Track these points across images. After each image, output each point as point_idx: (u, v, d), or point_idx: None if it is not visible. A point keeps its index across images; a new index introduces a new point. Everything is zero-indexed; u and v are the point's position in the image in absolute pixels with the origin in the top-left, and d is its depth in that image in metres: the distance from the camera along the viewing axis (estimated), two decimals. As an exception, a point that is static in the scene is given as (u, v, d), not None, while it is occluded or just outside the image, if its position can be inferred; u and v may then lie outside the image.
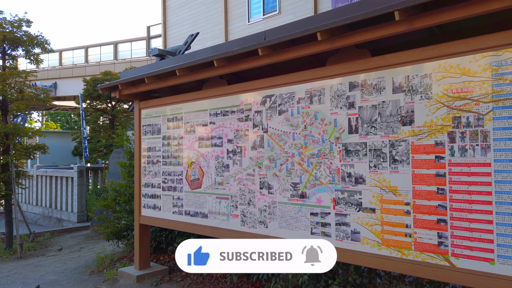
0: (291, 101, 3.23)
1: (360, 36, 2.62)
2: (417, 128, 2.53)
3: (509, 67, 2.19)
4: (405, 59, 2.60)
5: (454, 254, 2.34)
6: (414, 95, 2.56)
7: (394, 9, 2.26)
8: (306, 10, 10.85)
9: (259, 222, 3.38)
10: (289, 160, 3.21)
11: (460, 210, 2.33)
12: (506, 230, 2.17)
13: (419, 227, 2.49)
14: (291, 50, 3.03)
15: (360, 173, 2.79)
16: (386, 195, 2.65)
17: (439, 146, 2.44)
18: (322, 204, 2.99)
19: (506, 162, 2.19)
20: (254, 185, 3.43)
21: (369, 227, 2.72)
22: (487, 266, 2.23)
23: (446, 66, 2.42)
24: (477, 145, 2.29)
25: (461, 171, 2.34)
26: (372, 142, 2.74)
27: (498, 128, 2.22)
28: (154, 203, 4.43)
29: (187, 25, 14.52)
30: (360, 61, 2.84)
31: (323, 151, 3.00)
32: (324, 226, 2.96)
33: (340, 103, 2.93)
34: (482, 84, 2.28)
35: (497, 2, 2.05)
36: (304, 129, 3.13)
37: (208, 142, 3.85)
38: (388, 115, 2.67)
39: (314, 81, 3.10)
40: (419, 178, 2.51)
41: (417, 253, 2.49)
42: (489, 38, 2.27)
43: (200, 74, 3.64)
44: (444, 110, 2.42)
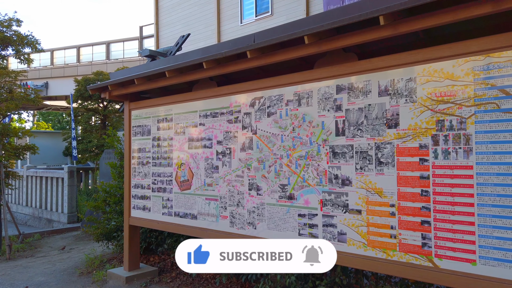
0: (280, 103, 3.26)
1: (347, 40, 2.65)
2: (402, 131, 2.57)
3: (491, 72, 2.24)
4: (391, 63, 2.64)
5: (438, 255, 2.39)
6: (399, 98, 2.60)
7: (379, 14, 2.30)
8: (299, 12, 10.91)
9: (248, 223, 3.40)
10: (277, 161, 3.24)
11: (443, 212, 2.37)
12: (487, 232, 2.22)
13: (404, 228, 2.53)
14: (279, 53, 3.05)
15: (347, 175, 2.82)
16: (371, 197, 2.69)
17: (423, 148, 2.48)
18: (309, 205, 3.02)
19: (487, 165, 2.23)
20: (243, 187, 3.45)
21: (355, 228, 2.75)
22: (469, 267, 2.27)
23: (430, 70, 2.47)
24: (459, 148, 2.34)
25: (444, 173, 2.39)
26: (359, 145, 2.78)
27: (480, 131, 2.27)
28: (143, 204, 4.43)
29: (180, 26, 14.50)
30: (347, 64, 2.87)
31: (310, 153, 3.03)
32: (311, 227, 2.99)
33: (328, 105, 2.96)
34: (465, 88, 2.33)
35: (478, 9, 2.10)
36: (292, 131, 3.16)
37: (198, 144, 3.86)
38: (374, 118, 2.71)
39: (302, 83, 3.13)
40: (404, 180, 2.55)
41: (401, 254, 2.53)
42: (472, 43, 2.32)
43: (190, 76, 3.65)
44: (428, 114, 2.46)
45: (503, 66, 2.20)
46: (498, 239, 2.18)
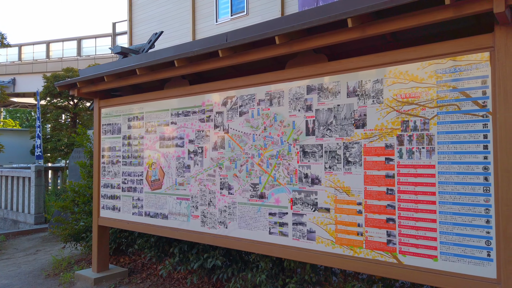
0: (252, 103, 3.27)
1: (317, 41, 2.69)
2: (369, 131, 2.64)
3: (452, 74, 2.33)
4: (359, 64, 2.70)
5: (402, 251, 2.46)
6: (367, 99, 2.66)
7: (347, 17, 2.35)
8: (274, 12, 10.97)
9: (219, 222, 3.40)
10: (249, 161, 3.25)
11: (407, 210, 2.45)
12: (448, 229, 2.30)
13: (370, 226, 2.59)
14: (251, 53, 3.06)
15: (316, 174, 2.87)
16: (340, 195, 2.74)
17: (389, 148, 2.55)
18: (280, 204, 3.04)
19: (448, 164, 2.32)
20: (214, 186, 3.45)
21: (324, 227, 2.80)
22: (431, 263, 2.35)
23: (396, 72, 2.54)
24: (423, 148, 2.42)
25: (408, 172, 2.46)
26: (328, 144, 2.83)
27: (442, 132, 2.35)
28: (113, 204, 4.35)
29: (154, 23, 14.29)
30: (317, 65, 2.92)
31: (281, 152, 3.06)
32: (281, 226, 3.02)
33: (299, 105, 3.00)
34: (428, 90, 2.41)
35: (441, 14, 2.18)
36: (264, 130, 3.18)
37: (169, 143, 3.82)
38: (342, 118, 2.77)
39: (273, 83, 3.15)
40: (371, 179, 2.61)
41: (368, 251, 2.59)
42: (435, 46, 2.40)
43: (161, 74, 3.61)
44: (394, 114, 2.54)
45: (464, 69, 2.29)
46: (458, 236, 2.27)
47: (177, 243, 4.18)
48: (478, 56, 2.25)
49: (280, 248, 3.00)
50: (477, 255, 2.20)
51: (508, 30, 2.13)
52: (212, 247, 3.94)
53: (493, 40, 2.19)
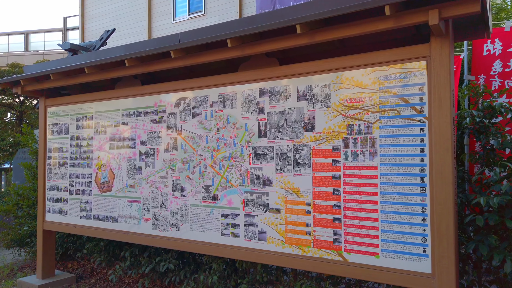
0: (205, 104, 3.27)
1: (268, 46, 2.75)
2: (317, 134, 2.73)
3: (393, 81, 2.47)
4: (309, 69, 2.79)
5: (347, 249, 2.57)
6: (316, 103, 2.75)
7: (296, 23, 2.42)
8: (232, 13, 10.98)
9: (171, 225, 3.36)
10: (202, 162, 3.25)
11: (352, 209, 2.56)
12: (388, 227, 2.44)
13: (318, 225, 2.68)
14: (204, 54, 3.07)
15: (268, 176, 2.92)
16: (290, 196, 2.81)
17: (335, 150, 2.65)
18: (232, 205, 3.07)
19: (389, 166, 2.46)
20: (166, 188, 3.41)
21: (274, 227, 2.86)
22: (373, 260, 2.48)
23: (343, 78, 2.65)
24: (366, 151, 2.54)
25: (353, 173, 2.58)
26: (279, 146, 2.89)
27: (383, 135, 2.49)
28: (60, 207, 4.16)
29: (108, 19, 13.82)
30: (269, 69, 2.97)
31: (234, 154, 3.09)
32: (234, 227, 3.05)
33: (251, 108, 3.04)
34: (371, 96, 2.54)
35: (382, 23, 2.30)
36: (217, 132, 3.19)
37: (120, 144, 3.73)
38: (293, 121, 2.84)
39: (227, 85, 3.18)
40: (319, 180, 2.70)
41: (315, 250, 2.68)
42: (378, 54, 2.53)
43: (112, 73, 3.52)
44: (340, 118, 2.64)
45: (404, 76, 2.44)
46: (397, 233, 2.41)
47: (128, 247, 4.09)
48: (416, 65, 2.40)
49: (232, 249, 3.03)
50: (415, 252, 2.35)
51: (442, 41, 2.30)
52: (164, 250, 3.89)
53: (430, 50, 2.34)
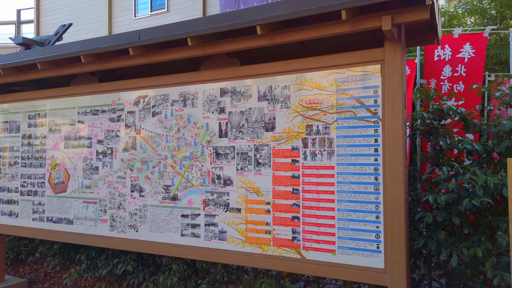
0: (165, 103, 3.23)
1: (229, 46, 2.75)
2: (277, 134, 2.77)
3: (350, 83, 2.55)
4: (269, 70, 2.82)
5: (305, 247, 2.63)
6: (276, 103, 2.79)
7: (257, 24, 2.44)
8: (195, 12, 10.88)
9: (129, 226, 3.29)
10: (161, 162, 3.20)
11: (310, 208, 2.62)
12: (344, 224, 2.52)
13: (277, 224, 2.72)
14: (164, 52, 3.02)
15: (229, 175, 2.93)
16: (250, 196, 2.83)
17: (295, 150, 2.70)
18: (192, 205, 3.05)
19: (345, 165, 2.54)
20: (125, 188, 3.32)
21: (235, 226, 2.87)
22: (330, 257, 2.55)
23: (302, 79, 2.71)
24: (324, 151, 2.61)
25: (311, 173, 2.64)
26: (240, 146, 2.90)
27: (340, 136, 2.56)
28: (10, 209, 3.95)
29: (66, 13, 13.26)
30: (230, 68, 2.98)
31: (195, 154, 3.07)
32: (194, 228, 3.03)
33: (212, 107, 3.03)
34: (329, 97, 2.61)
35: (340, 27, 2.37)
36: (177, 131, 3.16)
37: (75, 143, 3.59)
38: (253, 121, 2.86)
39: (188, 84, 3.15)
40: (278, 180, 2.74)
41: (275, 248, 2.72)
42: (336, 57, 2.61)
43: (67, 70, 3.39)
44: (300, 119, 2.70)
45: (359, 79, 2.53)
46: (352, 231, 2.49)
47: (84, 249, 3.95)
48: (371, 68, 2.49)
49: (192, 250, 3.00)
50: (369, 248, 2.44)
51: (395, 46, 2.40)
52: (123, 252, 3.79)
53: (383, 54, 2.44)
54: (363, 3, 2.12)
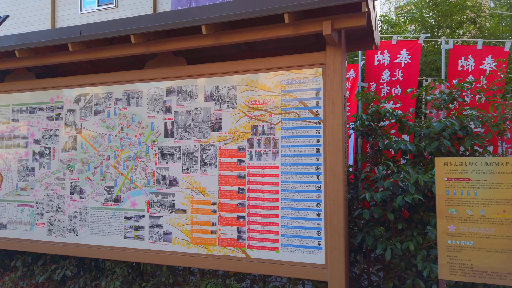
0: (108, 102, 3.12)
1: (174, 44, 2.72)
2: (224, 134, 2.78)
3: (294, 85, 2.62)
4: (216, 70, 2.82)
5: (250, 246, 2.66)
6: (222, 104, 2.80)
7: (202, 24, 2.44)
8: (145, 8, 10.59)
9: (68, 229, 3.14)
10: (104, 163, 3.09)
11: (255, 207, 2.66)
12: (287, 222, 2.58)
13: (223, 224, 2.73)
14: (107, 49, 2.93)
15: (174, 176, 2.89)
16: (196, 196, 2.82)
17: (241, 150, 2.73)
18: (136, 207, 2.97)
19: (289, 165, 2.60)
20: (64, 190, 3.17)
21: (180, 227, 2.84)
22: (274, 255, 2.60)
23: (248, 80, 2.74)
24: (269, 151, 2.66)
25: (257, 173, 2.68)
26: (186, 146, 2.88)
27: (284, 136, 2.62)
28: None
29: (4, 4, 12.35)
30: (176, 67, 2.94)
31: (139, 154, 3.00)
32: (137, 230, 2.95)
33: (157, 107, 2.98)
34: (274, 98, 2.66)
35: (283, 30, 2.43)
36: (120, 131, 3.06)
37: (9, 142, 3.37)
38: (200, 121, 2.85)
39: (132, 83, 3.07)
40: (224, 180, 2.75)
41: (220, 248, 2.72)
42: (280, 59, 2.66)
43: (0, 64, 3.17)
44: (246, 119, 2.73)
45: (303, 81, 2.60)
46: (295, 228, 2.56)
47: (20, 255, 3.71)
48: (313, 71, 2.58)
49: (135, 252, 2.93)
50: (310, 245, 2.52)
51: (336, 50, 2.50)
52: (62, 257, 3.61)
53: (325, 58, 2.53)
54: (305, 8, 2.19)
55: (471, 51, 4.05)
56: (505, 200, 2.07)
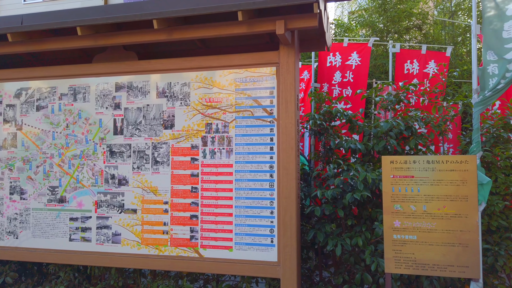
0: (52, 97, 2.95)
1: (125, 38, 2.62)
2: (176, 131, 2.72)
3: (248, 84, 2.62)
4: (169, 66, 2.76)
5: (203, 245, 2.62)
6: (175, 101, 2.74)
7: (153, 18, 2.36)
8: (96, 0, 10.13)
9: (7, 233, 2.93)
10: (47, 161, 2.91)
11: (209, 206, 2.63)
12: (241, 221, 2.57)
13: (175, 223, 2.67)
14: (51, 41, 2.76)
15: (124, 175, 2.79)
16: (147, 196, 2.73)
17: (194, 149, 2.68)
18: (83, 208, 2.83)
19: (243, 163, 2.60)
20: (2, 190, 2.95)
21: (130, 228, 2.74)
22: (227, 253, 2.58)
23: (202, 77, 2.70)
24: (223, 149, 2.64)
25: (211, 171, 2.65)
26: (136, 144, 2.78)
27: (238, 134, 2.62)
28: None
29: None
30: (127, 62, 2.84)
31: (86, 152, 2.86)
32: (84, 231, 2.82)
33: (106, 103, 2.86)
34: (228, 96, 2.65)
35: (237, 28, 2.41)
36: (66, 128, 2.90)
37: None
38: (152, 118, 2.77)
39: (79, 77, 2.92)
40: (177, 178, 2.69)
41: (172, 248, 2.66)
42: (235, 57, 2.65)
43: None
44: (199, 117, 2.68)
45: (257, 80, 2.61)
46: (249, 227, 2.56)
47: (-49, 263, 3.40)
48: (267, 70, 2.59)
49: (81, 255, 2.79)
50: (264, 243, 2.53)
51: (289, 49, 2.53)
52: (1, 262, 3.36)
53: (279, 57, 2.56)
54: (258, 6, 2.19)
55: (416, 55, 4.28)
56: (445, 196, 2.20)
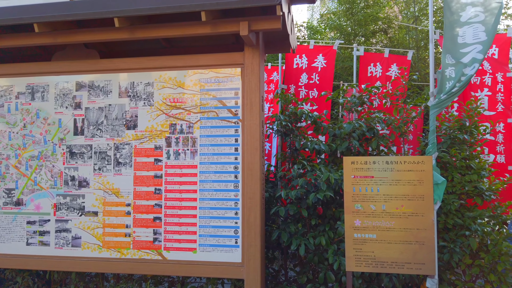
0: (9, 95, 2.83)
1: (85, 36, 2.54)
2: (140, 132, 2.67)
3: (213, 84, 2.61)
4: (132, 65, 2.70)
5: (166, 248, 2.59)
6: (138, 101, 2.69)
7: (114, 16, 2.31)
8: (60, -4, 9.78)
9: (-42, 238, 2.78)
10: (3, 162, 2.79)
11: (173, 208, 2.60)
12: (205, 222, 2.56)
13: (138, 226, 2.62)
14: (6, 38, 2.64)
15: (85, 176, 2.71)
16: (109, 198, 2.67)
17: (158, 149, 2.64)
18: (41, 211, 2.73)
19: (208, 164, 2.58)
20: (-48, 194, 2.80)
21: (90, 231, 2.67)
22: (191, 255, 2.56)
23: (166, 77, 2.66)
24: (188, 150, 2.61)
25: (175, 172, 2.62)
26: (98, 145, 2.71)
27: (203, 135, 2.60)
28: None
29: None
30: (88, 61, 2.76)
31: (45, 153, 2.76)
32: (42, 235, 2.72)
33: (66, 102, 2.77)
34: (193, 97, 2.63)
35: (201, 28, 2.40)
36: (23, 128, 2.79)
37: None
38: (114, 118, 2.71)
39: (37, 75, 2.81)
40: (140, 180, 2.65)
41: (135, 251, 2.61)
42: (200, 58, 2.63)
43: None
44: (163, 117, 2.65)
45: (222, 80, 2.60)
46: (213, 228, 2.55)
47: None
48: (232, 71, 2.59)
49: (40, 260, 2.69)
50: (228, 243, 2.53)
51: (253, 51, 2.54)
52: (-49, 270, 3.19)
53: (244, 58, 2.56)
54: (222, 7, 2.19)
55: (379, 58, 4.40)
56: (403, 196, 2.27)
